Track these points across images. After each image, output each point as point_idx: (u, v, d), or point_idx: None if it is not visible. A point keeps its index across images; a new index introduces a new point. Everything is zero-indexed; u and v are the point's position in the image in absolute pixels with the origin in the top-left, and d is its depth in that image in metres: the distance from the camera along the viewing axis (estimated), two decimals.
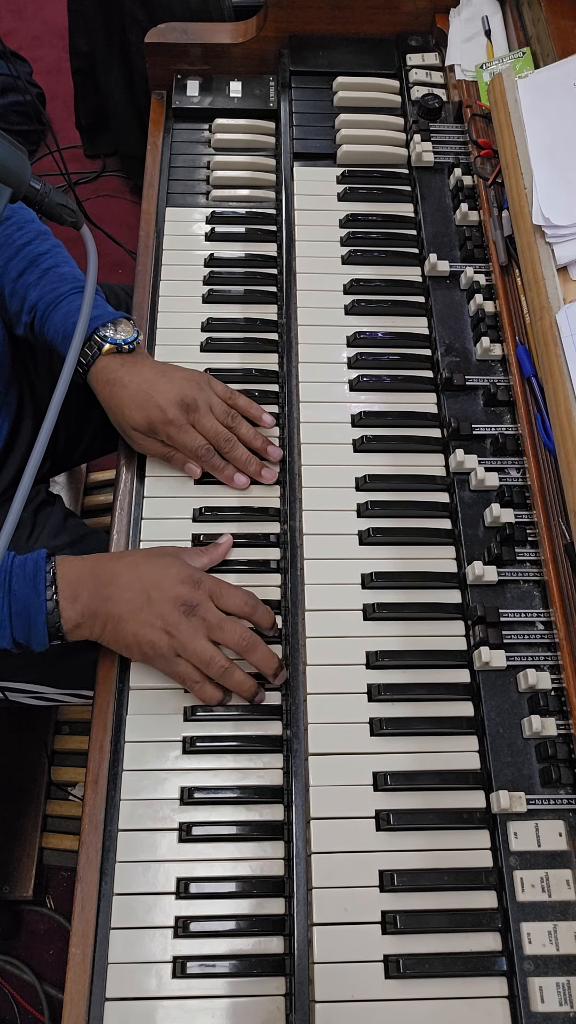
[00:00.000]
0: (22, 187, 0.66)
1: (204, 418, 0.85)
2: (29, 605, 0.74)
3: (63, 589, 0.75)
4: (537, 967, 0.64)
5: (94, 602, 0.75)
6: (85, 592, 0.75)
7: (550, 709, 0.70)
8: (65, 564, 0.77)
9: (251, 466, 0.86)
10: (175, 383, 0.85)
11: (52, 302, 0.89)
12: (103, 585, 0.76)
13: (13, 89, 2.09)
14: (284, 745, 0.74)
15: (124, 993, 0.65)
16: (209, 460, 0.85)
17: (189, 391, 0.85)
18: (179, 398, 0.84)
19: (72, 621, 0.75)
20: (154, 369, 0.87)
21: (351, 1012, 0.63)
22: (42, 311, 0.90)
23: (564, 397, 0.76)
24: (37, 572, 0.75)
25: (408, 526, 0.82)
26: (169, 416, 0.84)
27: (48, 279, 0.90)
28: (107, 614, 0.75)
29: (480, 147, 0.97)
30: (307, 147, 1.06)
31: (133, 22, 1.73)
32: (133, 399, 0.85)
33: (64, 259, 0.93)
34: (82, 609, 0.75)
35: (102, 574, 0.76)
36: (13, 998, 1.32)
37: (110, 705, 0.76)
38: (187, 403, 0.84)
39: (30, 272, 0.91)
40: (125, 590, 0.75)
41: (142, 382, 0.85)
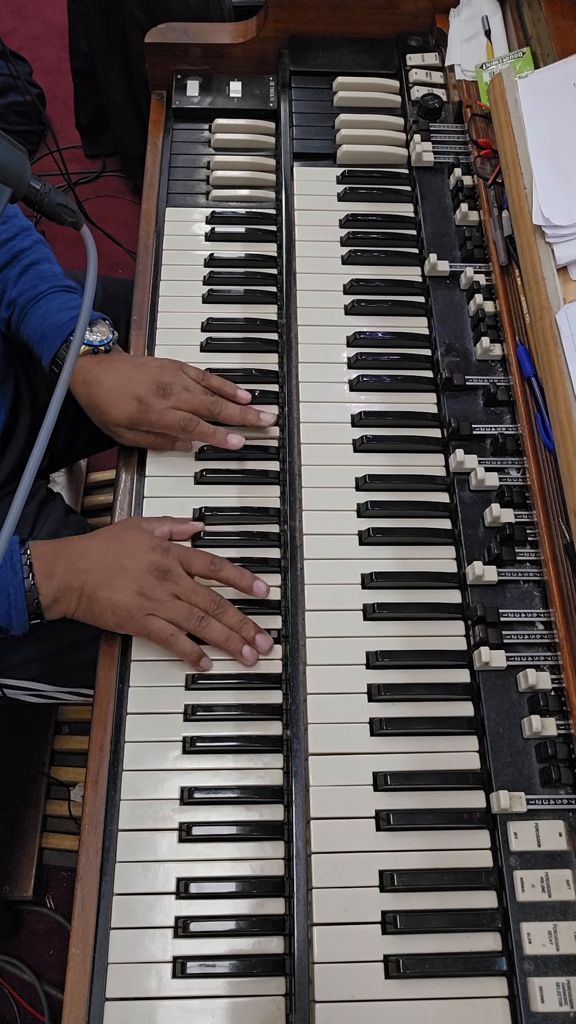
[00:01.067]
0: (22, 187, 0.65)
1: (182, 395, 0.86)
2: (8, 584, 0.76)
3: (39, 567, 0.77)
4: (537, 967, 0.64)
5: (69, 576, 0.77)
6: (60, 568, 0.78)
7: (550, 709, 0.70)
8: (38, 545, 0.79)
9: (249, 415, 0.87)
10: (148, 372, 0.87)
11: (31, 300, 0.90)
12: (77, 559, 0.78)
13: (13, 89, 2.09)
14: (284, 745, 0.74)
15: (124, 993, 0.65)
16: (196, 428, 0.85)
17: (163, 376, 0.86)
18: (154, 384, 0.85)
19: (50, 596, 0.77)
20: (128, 362, 0.88)
21: (351, 1012, 0.63)
22: (20, 308, 0.91)
23: (564, 397, 0.76)
24: (13, 553, 0.77)
25: (408, 526, 0.82)
26: (147, 403, 0.85)
27: (28, 276, 0.91)
28: (82, 585, 0.77)
29: (480, 147, 0.97)
30: (307, 147, 1.06)
31: (133, 22, 1.73)
32: (110, 396, 0.86)
33: (45, 256, 0.94)
34: (58, 584, 0.77)
35: (75, 551, 0.79)
36: (13, 998, 1.32)
37: (110, 705, 0.76)
38: (162, 387, 0.85)
39: (11, 267, 0.91)
40: (98, 561, 0.78)
41: (118, 377, 0.87)
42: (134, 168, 2.12)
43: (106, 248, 1.97)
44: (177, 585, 0.78)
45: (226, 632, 0.77)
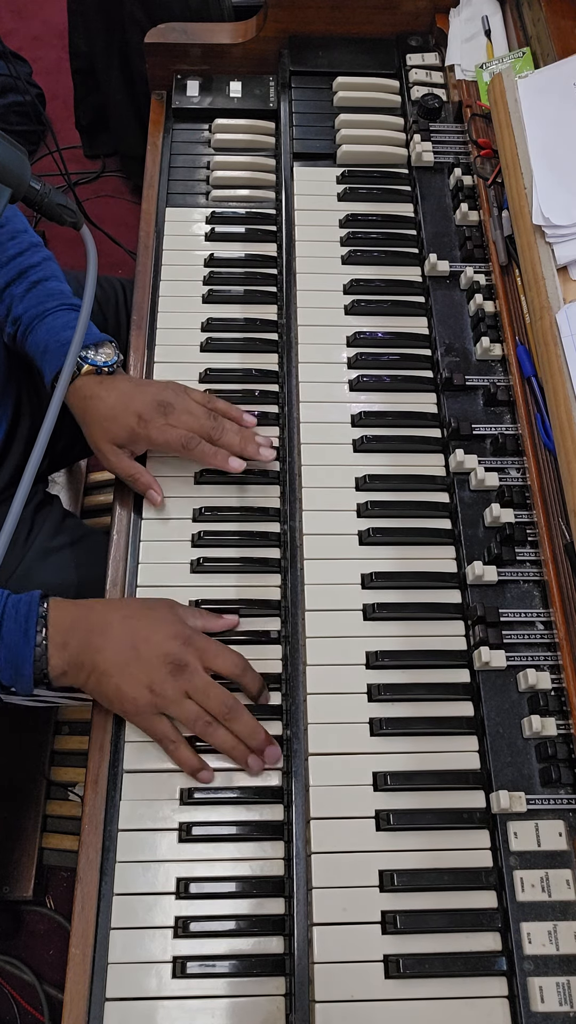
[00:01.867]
0: (22, 187, 0.66)
1: (183, 416, 0.84)
2: (17, 652, 0.73)
3: (53, 636, 0.74)
4: (537, 967, 0.64)
5: (82, 652, 0.74)
6: (75, 640, 0.74)
7: (550, 709, 0.70)
8: (59, 608, 0.75)
9: (248, 446, 0.85)
10: (150, 390, 0.86)
11: (37, 316, 0.89)
12: (94, 634, 0.74)
13: (13, 89, 2.09)
14: (284, 745, 0.74)
15: (124, 993, 0.65)
16: (195, 447, 0.83)
17: (165, 395, 0.85)
18: (156, 402, 0.84)
19: (58, 669, 0.74)
20: (130, 382, 0.88)
21: (351, 1012, 0.63)
22: (26, 324, 0.90)
23: (564, 397, 0.76)
24: (30, 615, 0.74)
25: (408, 526, 0.82)
26: (147, 419, 0.83)
27: (35, 293, 0.90)
28: (93, 665, 0.73)
29: (480, 147, 0.97)
30: (307, 147, 1.06)
31: (133, 22, 1.73)
32: (112, 410, 0.85)
33: (54, 273, 0.93)
34: (69, 658, 0.74)
35: (95, 623, 0.75)
36: (13, 998, 1.32)
37: None
38: (164, 405, 0.84)
39: (18, 283, 0.91)
40: (115, 641, 0.73)
41: (119, 394, 0.85)
42: (134, 168, 2.12)
43: (106, 248, 1.97)
44: (190, 682, 0.73)
45: (232, 741, 0.73)
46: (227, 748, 0.73)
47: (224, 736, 0.73)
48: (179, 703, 0.72)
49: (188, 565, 0.83)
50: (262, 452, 0.86)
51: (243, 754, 0.73)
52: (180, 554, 0.83)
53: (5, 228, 0.93)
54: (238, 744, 0.73)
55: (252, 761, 0.73)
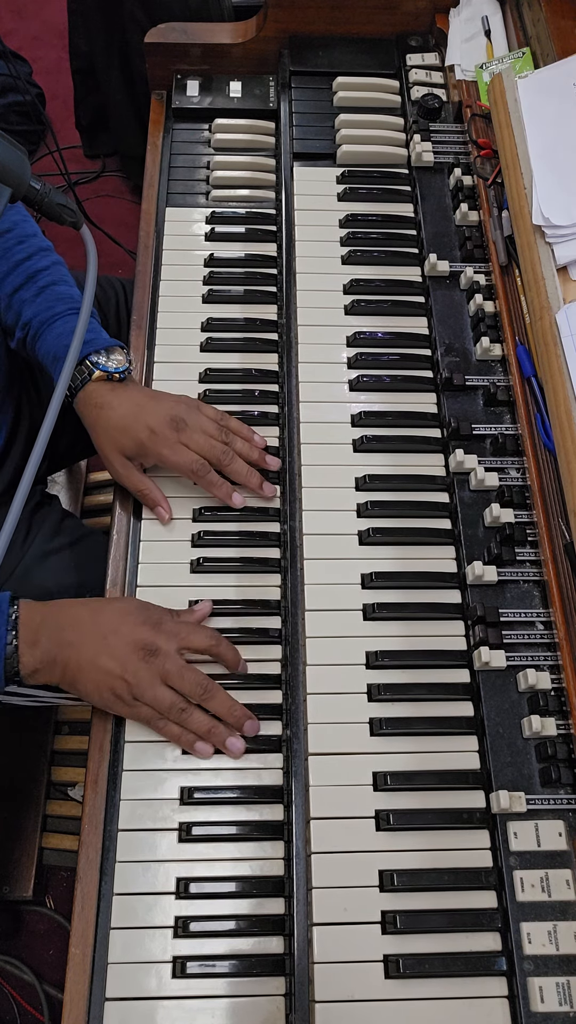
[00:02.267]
0: (22, 187, 0.66)
1: (196, 435, 0.83)
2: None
3: (24, 635, 0.74)
4: (537, 967, 0.64)
5: (53, 648, 0.74)
6: (45, 638, 0.74)
7: (550, 709, 0.70)
8: (28, 608, 0.75)
9: (252, 479, 0.85)
10: (164, 404, 0.84)
11: (46, 321, 0.88)
12: (64, 630, 0.74)
13: (13, 89, 2.09)
14: (284, 745, 0.74)
15: (124, 993, 0.65)
16: (205, 476, 0.83)
17: (179, 411, 0.84)
18: (169, 417, 0.83)
19: (30, 667, 0.74)
20: (143, 392, 0.87)
21: (351, 1012, 0.63)
22: (35, 329, 0.89)
23: (564, 397, 0.76)
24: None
25: (408, 526, 0.82)
26: (160, 434, 0.82)
27: (44, 297, 0.89)
28: (66, 660, 0.73)
29: (480, 147, 0.97)
30: (307, 147, 1.06)
31: (133, 22, 1.73)
32: (122, 421, 0.84)
33: (63, 277, 0.92)
34: (41, 655, 0.73)
35: (64, 619, 0.75)
36: (13, 998, 1.32)
37: None
38: (177, 421, 0.83)
39: (27, 288, 0.90)
40: (85, 636, 0.74)
41: (131, 405, 0.84)
42: (134, 168, 2.12)
43: (106, 248, 1.97)
44: (163, 666, 0.73)
45: (208, 723, 0.73)
46: (204, 731, 0.73)
47: (200, 719, 0.73)
48: (153, 688, 0.72)
49: (188, 565, 0.83)
50: (264, 488, 0.85)
51: (220, 737, 0.73)
52: (180, 554, 0.83)
53: (13, 232, 0.92)
54: (216, 725, 0.73)
55: (231, 743, 0.73)
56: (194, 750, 0.73)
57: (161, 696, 0.73)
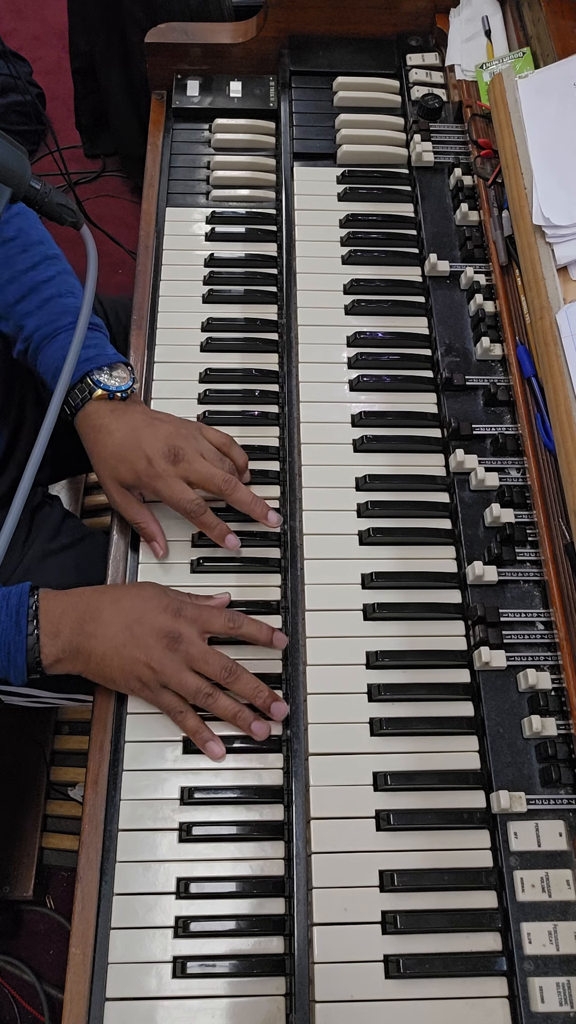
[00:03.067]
0: (22, 187, 0.65)
1: (195, 463, 0.80)
2: (10, 641, 0.73)
3: (45, 625, 0.74)
4: (537, 967, 0.64)
5: (76, 638, 0.74)
6: (67, 628, 0.74)
7: (550, 709, 0.70)
8: (48, 599, 0.76)
9: (258, 508, 0.82)
10: (163, 430, 0.81)
11: (48, 335, 0.86)
12: (86, 621, 0.75)
13: (13, 89, 2.09)
14: (284, 745, 0.74)
15: (124, 993, 0.65)
16: (199, 516, 0.80)
17: (177, 440, 0.81)
18: (167, 447, 0.80)
19: (52, 657, 0.74)
20: (143, 416, 0.83)
21: (351, 1012, 0.63)
22: (37, 342, 0.87)
23: (564, 397, 0.76)
24: (20, 607, 0.74)
25: (408, 526, 0.82)
26: (156, 469, 0.80)
27: (48, 310, 0.87)
28: (90, 651, 0.74)
29: (480, 147, 0.97)
30: (307, 147, 1.06)
31: (133, 22, 1.73)
32: (120, 448, 0.81)
33: (69, 289, 0.89)
34: (63, 645, 0.74)
35: (85, 610, 0.75)
36: (13, 998, 1.32)
37: (110, 705, 0.76)
38: (175, 452, 0.80)
39: (29, 299, 0.87)
40: (108, 626, 0.74)
41: (129, 431, 0.82)
42: (134, 168, 2.12)
43: (106, 248, 1.97)
44: (187, 652, 0.74)
45: (235, 707, 0.74)
46: (231, 715, 0.74)
47: (226, 703, 0.74)
48: (179, 674, 0.73)
49: (188, 565, 0.83)
50: (270, 517, 0.83)
51: (247, 720, 0.74)
52: (180, 554, 0.83)
53: (17, 240, 0.90)
54: (242, 709, 0.74)
55: (256, 727, 0.74)
56: (206, 749, 0.74)
57: (187, 681, 0.73)
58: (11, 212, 0.90)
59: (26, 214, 0.92)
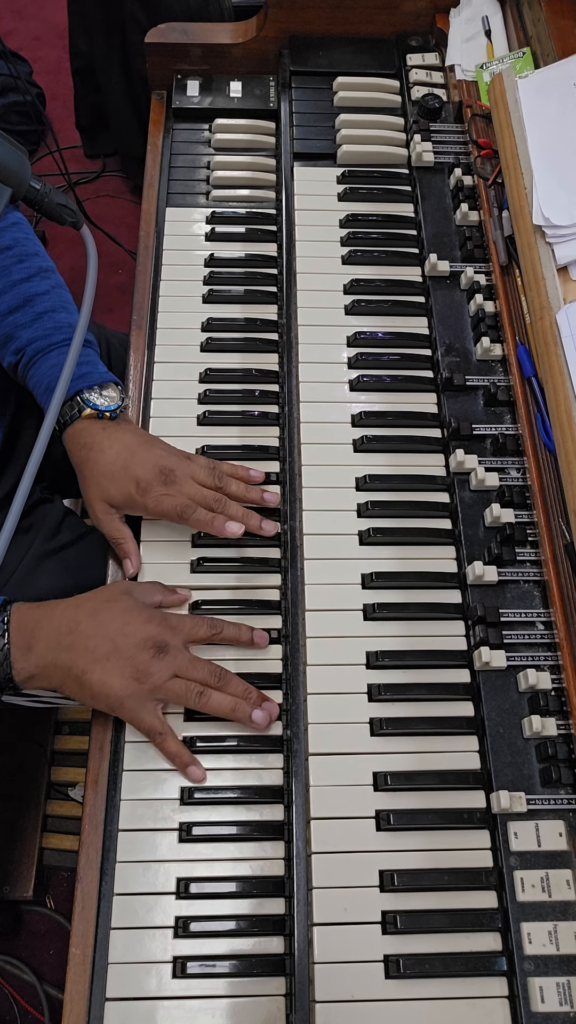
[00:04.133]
0: (22, 187, 0.66)
1: (185, 484, 0.80)
2: None
3: (16, 640, 0.72)
4: (537, 967, 0.64)
5: (52, 653, 0.72)
6: (41, 643, 0.73)
7: (550, 709, 0.70)
8: (21, 612, 0.74)
9: (251, 520, 0.82)
10: (153, 453, 0.81)
11: (41, 350, 0.85)
12: (63, 635, 0.73)
13: (13, 89, 2.09)
14: (284, 745, 0.74)
15: (124, 993, 0.65)
16: (192, 515, 0.80)
17: (168, 461, 0.81)
18: (158, 468, 0.80)
19: (25, 672, 0.72)
20: (134, 437, 0.83)
21: (351, 1012, 0.63)
22: (29, 356, 0.86)
23: (564, 397, 0.76)
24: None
25: (408, 526, 0.82)
26: (145, 487, 0.79)
27: (42, 324, 0.86)
28: (68, 665, 0.72)
29: (480, 147, 0.97)
30: (307, 147, 1.06)
31: (133, 22, 1.73)
32: (110, 468, 0.81)
33: (63, 303, 0.88)
34: (37, 660, 0.72)
35: (61, 623, 0.73)
36: (13, 998, 1.32)
37: None
38: (165, 473, 0.80)
39: (23, 311, 0.86)
40: (88, 639, 0.72)
41: (121, 449, 0.81)
42: (134, 168, 2.12)
43: (106, 248, 1.97)
44: (176, 661, 0.73)
45: (231, 702, 0.73)
46: (227, 710, 0.73)
47: (221, 698, 0.73)
48: (167, 683, 0.72)
49: (188, 565, 0.83)
50: (264, 527, 0.82)
51: (246, 712, 0.73)
52: (180, 554, 0.83)
53: (13, 250, 0.88)
54: (238, 702, 0.73)
55: (256, 715, 0.73)
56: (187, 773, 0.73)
57: (175, 688, 0.73)
58: (7, 222, 0.90)
59: (22, 225, 0.92)
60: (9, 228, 0.90)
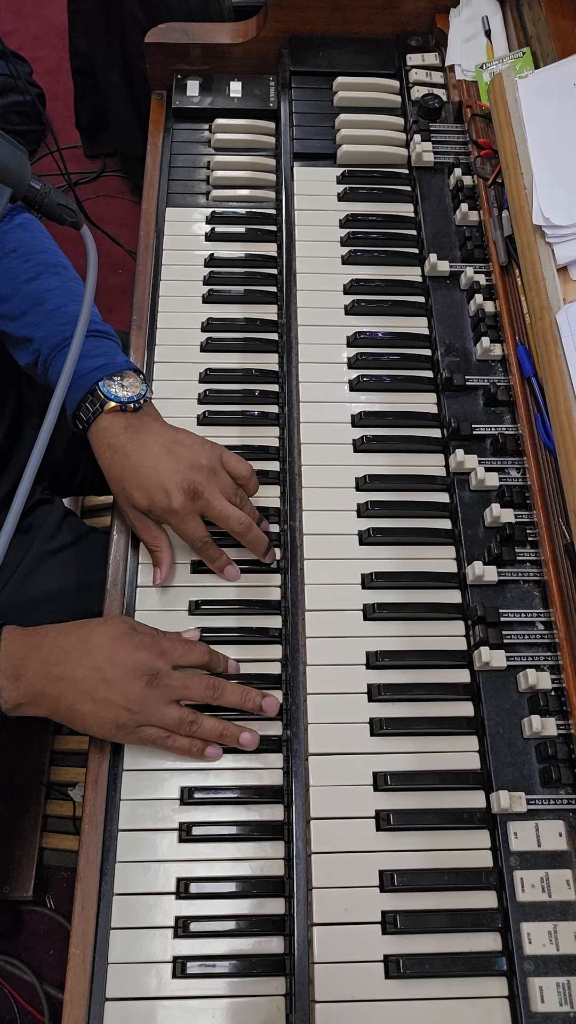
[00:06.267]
0: (22, 187, 0.65)
1: (213, 501, 0.79)
2: None
3: (5, 668, 0.71)
4: (537, 967, 0.64)
5: (41, 682, 0.71)
6: (30, 672, 0.71)
7: (550, 709, 0.70)
8: (12, 640, 0.73)
9: (260, 547, 0.82)
10: (183, 463, 0.79)
11: (56, 346, 0.84)
12: (52, 664, 0.71)
13: (13, 89, 2.09)
14: (284, 745, 0.74)
15: (124, 993, 0.65)
16: (205, 551, 0.80)
17: (197, 475, 0.79)
18: (186, 483, 0.78)
19: (13, 701, 0.71)
20: (162, 440, 0.81)
21: (351, 1012, 0.63)
22: (46, 355, 0.84)
23: (564, 397, 0.76)
24: None
25: (408, 526, 0.82)
26: (174, 505, 0.78)
27: (53, 321, 0.84)
28: (58, 695, 0.71)
29: (480, 147, 0.97)
30: (307, 147, 1.06)
31: (133, 22, 1.73)
32: (137, 475, 0.79)
33: (74, 297, 0.86)
34: (25, 689, 0.71)
35: (51, 651, 0.72)
36: (13, 998, 1.32)
37: None
38: (194, 489, 0.78)
39: (34, 312, 0.85)
40: (77, 668, 0.71)
41: (147, 456, 0.79)
42: (134, 168, 2.12)
43: (106, 248, 1.97)
44: (168, 686, 0.72)
45: (219, 727, 0.72)
46: (216, 736, 0.73)
47: (210, 725, 0.72)
48: (160, 711, 0.71)
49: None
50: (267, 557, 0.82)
51: (234, 736, 0.73)
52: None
53: (17, 252, 0.87)
54: (227, 727, 0.73)
55: (244, 738, 0.73)
56: (204, 756, 0.73)
57: (169, 715, 0.71)
58: (11, 223, 0.89)
59: (27, 225, 0.90)
60: (13, 230, 0.89)
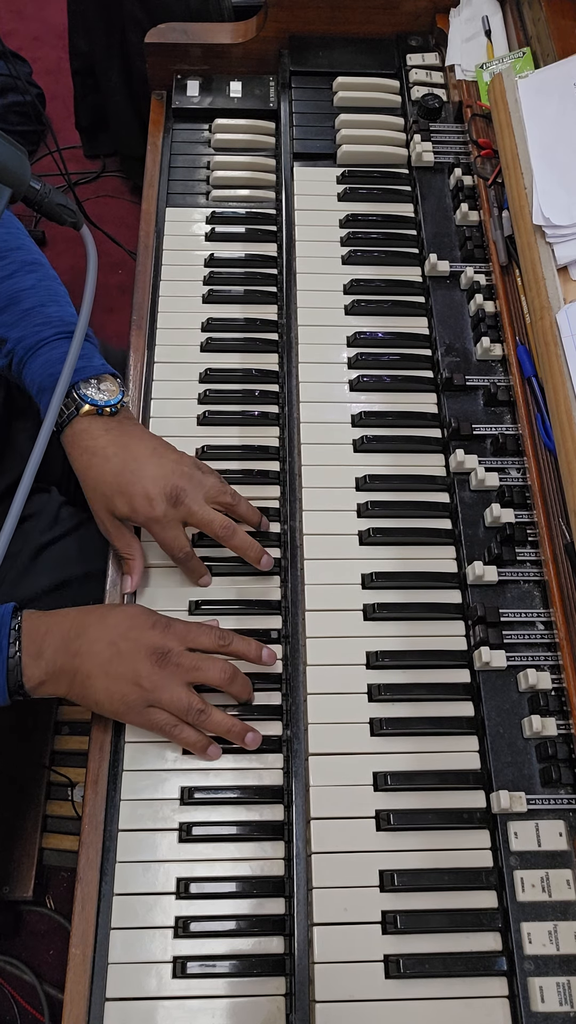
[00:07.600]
0: (22, 187, 0.66)
1: (195, 507, 0.78)
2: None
3: (27, 646, 0.72)
4: (537, 967, 0.64)
5: (60, 658, 0.71)
6: (51, 648, 0.72)
7: (550, 709, 0.70)
8: (32, 619, 0.73)
9: (252, 552, 0.80)
10: (164, 468, 0.78)
11: (31, 348, 0.82)
12: (71, 639, 0.72)
13: (13, 89, 2.09)
14: (284, 745, 0.74)
15: (124, 993, 0.65)
16: (187, 563, 0.79)
17: (179, 480, 0.77)
18: (169, 486, 0.77)
19: (35, 679, 0.72)
20: (142, 445, 0.79)
21: (351, 1012, 0.63)
22: (20, 355, 0.82)
23: (564, 397, 0.76)
24: (1, 627, 0.72)
25: (408, 526, 0.82)
26: (156, 511, 0.77)
27: (30, 320, 0.82)
28: (75, 670, 0.71)
29: (480, 147, 0.97)
30: (307, 147, 1.06)
31: (133, 22, 1.73)
32: (115, 479, 0.77)
33: (52, 296, 0.85)
34: (47, 666, 0.72)
35: (70, 627, 0.72)
36: (13, 998, 1.32)
37: None
38: (176, 494, 0.77)
39: (8, 311, 0.83)
40: (94, 643, 0.71)
41: (129, 460, 0.78)
42: (134, 168, 2.12)
43: (106, 248, 1.97)
44: (179, 665, 0.72)
45: (229, 723, 0.72)
46: (224, 730, 0.73)
47: (220, 718, 0.72)
48: (170, 690, 0.71)
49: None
50: (263, 562, 0.81)
51: (241, 734, 0.73)
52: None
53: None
54: (235, 723, 0.73)
55: (250, 738, 0.73)
56: (206, 755, 0.73)
57: (179, 697, 0.71)
58: None
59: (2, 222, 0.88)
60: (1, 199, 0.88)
